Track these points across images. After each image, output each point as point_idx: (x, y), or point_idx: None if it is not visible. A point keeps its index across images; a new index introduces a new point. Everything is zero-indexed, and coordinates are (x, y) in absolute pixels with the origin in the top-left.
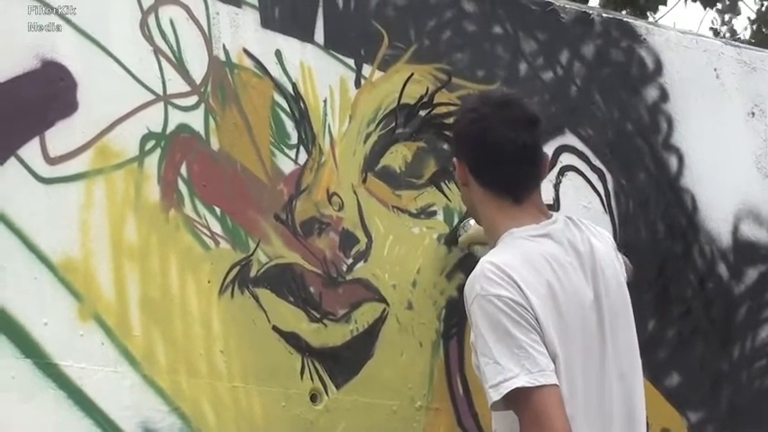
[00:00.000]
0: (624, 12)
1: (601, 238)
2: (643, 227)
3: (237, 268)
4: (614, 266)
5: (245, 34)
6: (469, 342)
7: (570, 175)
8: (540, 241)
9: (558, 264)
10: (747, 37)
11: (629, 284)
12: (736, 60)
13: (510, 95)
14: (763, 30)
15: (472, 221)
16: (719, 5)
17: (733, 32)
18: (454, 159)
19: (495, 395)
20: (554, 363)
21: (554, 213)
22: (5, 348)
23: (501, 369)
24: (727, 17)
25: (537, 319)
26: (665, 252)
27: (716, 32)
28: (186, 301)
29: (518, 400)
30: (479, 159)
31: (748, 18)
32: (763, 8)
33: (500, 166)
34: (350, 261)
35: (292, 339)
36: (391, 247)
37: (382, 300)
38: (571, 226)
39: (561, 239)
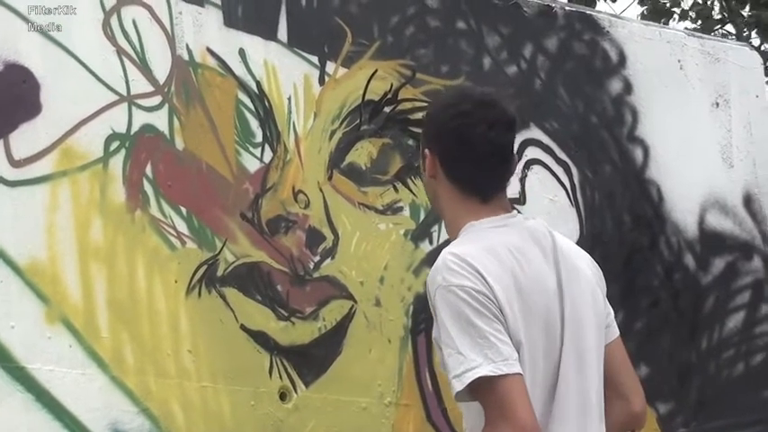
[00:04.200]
0: None
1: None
2: (609, 219)
3: (204, 268)
4: (580, 256)
5: (209, 33)
6: (433, 338)
7: (536, 168)
8: (501, 231)
9: (519, 252)
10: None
11: None
12: (699, 51)
13: (490, 94)
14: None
15: None
16: None
17: None
18: (426, 150)
19: (458, 385)
20: (518, 351)
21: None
22: None
23: (464, 359)
24: None
25: (500, 309)
26: (632, 244)
27: None
28: (154, 301)
29: (482, 389)
30: (455, 156)
31: None
32: None
33: (474, 165)
34: (317, 258)
35: (260, 338)
36: (358, 244)
37: (350, 297)
38: (530, 219)
39: (521, 228)
